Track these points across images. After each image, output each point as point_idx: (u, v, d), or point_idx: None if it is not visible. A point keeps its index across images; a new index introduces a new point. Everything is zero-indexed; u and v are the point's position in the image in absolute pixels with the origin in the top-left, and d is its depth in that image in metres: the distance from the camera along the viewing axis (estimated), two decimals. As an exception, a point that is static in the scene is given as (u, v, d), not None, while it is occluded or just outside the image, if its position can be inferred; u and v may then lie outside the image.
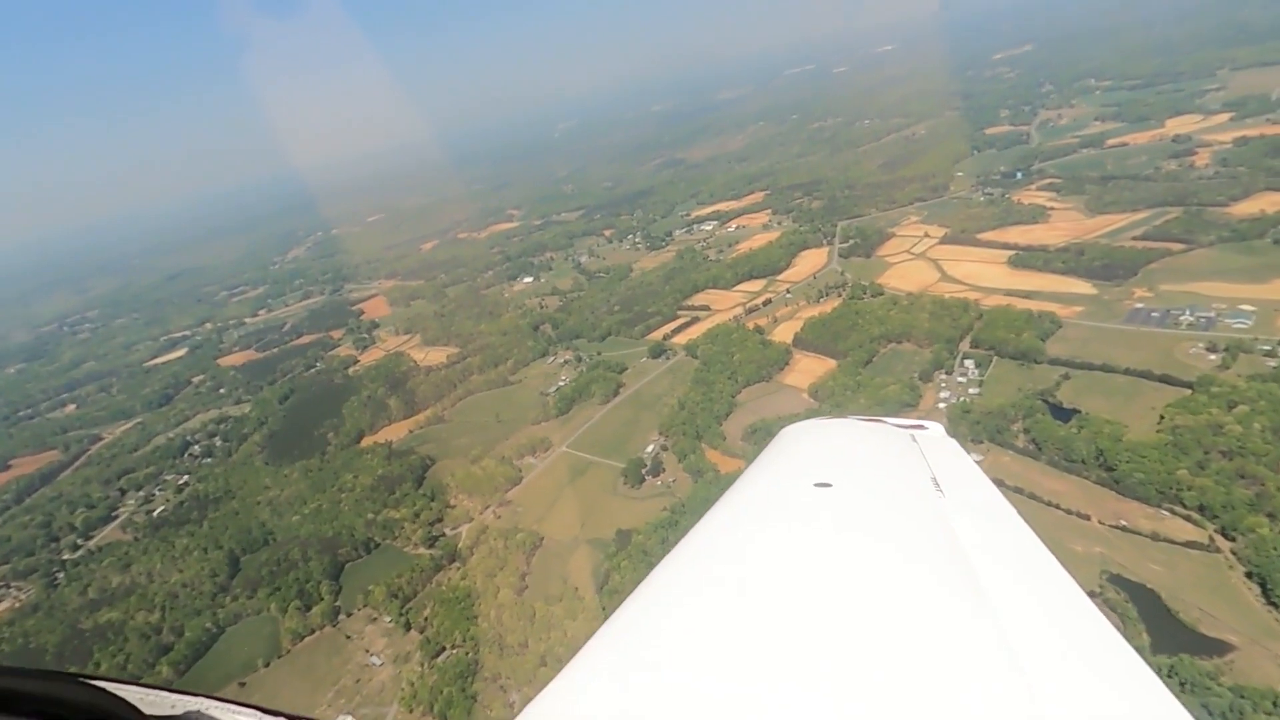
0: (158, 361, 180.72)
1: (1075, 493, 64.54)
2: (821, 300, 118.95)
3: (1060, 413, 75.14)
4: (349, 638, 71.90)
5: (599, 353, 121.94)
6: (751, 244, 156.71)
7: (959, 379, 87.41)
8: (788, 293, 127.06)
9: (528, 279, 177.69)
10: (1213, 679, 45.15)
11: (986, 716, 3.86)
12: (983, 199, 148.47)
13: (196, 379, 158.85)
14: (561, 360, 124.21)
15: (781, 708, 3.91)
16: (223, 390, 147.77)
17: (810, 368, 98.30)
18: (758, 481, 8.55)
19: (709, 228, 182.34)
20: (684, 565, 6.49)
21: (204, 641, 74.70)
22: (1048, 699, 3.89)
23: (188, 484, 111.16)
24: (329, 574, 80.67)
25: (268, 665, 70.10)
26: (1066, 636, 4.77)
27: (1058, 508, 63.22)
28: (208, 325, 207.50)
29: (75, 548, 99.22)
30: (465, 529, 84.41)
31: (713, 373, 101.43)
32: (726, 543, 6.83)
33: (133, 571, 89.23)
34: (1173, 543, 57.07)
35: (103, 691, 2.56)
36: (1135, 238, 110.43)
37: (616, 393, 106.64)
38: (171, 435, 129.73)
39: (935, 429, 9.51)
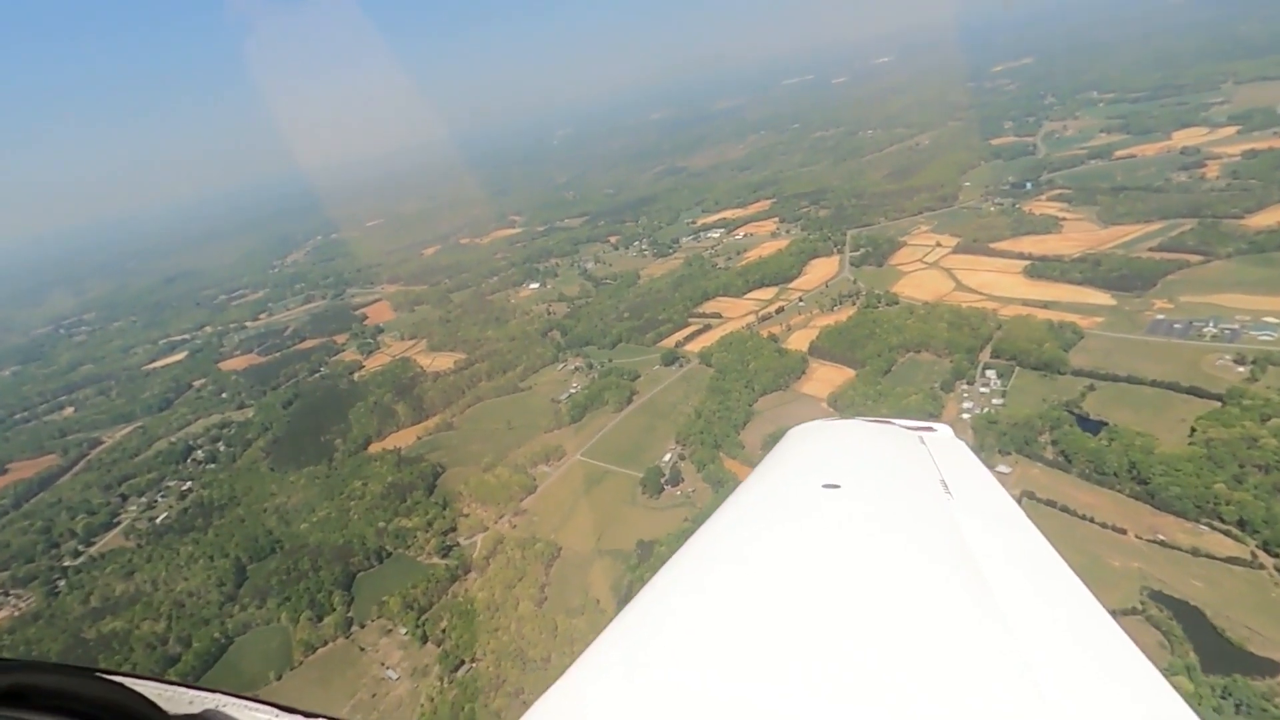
0: (157, 365, 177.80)
1: (1109, 506, 63.46)
2: (835, 309, 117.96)
3: (1088, 424, 74.17)
4: (363, 650, 70.03)
5: (610, 360, 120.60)
6: (760, 252, 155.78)
7: (981, 389, 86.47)
8: (800, 301, 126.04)
9: (534, 285, 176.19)
10: (1268, 700, 44.02)
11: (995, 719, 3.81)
12: (993, 209, 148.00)
13: (198, 383, 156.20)
14: (572, 367, 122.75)
15: (789, 709, 3.89)
16: (225, 395, 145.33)
17: (828, 376, 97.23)
18: (765, 482, 8.59)
19: (716, 235, 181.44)
20: (691, 566, 6.55)
21: (213, 652, 72.65)
22: (1057, 701, 3.85)
23: (191, 490, 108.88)
24: (340, 583, 78.83)
25: (280, 678, 68.17)
26: (1075, 639, 4.73)
27: (1092, 521, 62.10)
28: (207, 329, 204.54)
29: (76, 554, 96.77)
30: (480, 538, 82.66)
31: (728, 381, 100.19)
32: (733, 543, 6.83)
33: (136, 579, 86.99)
34: (1213, 558, 55.92)
35: (121, 687, 2.57)
36: (1151, 249, 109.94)
37: (630, 400, 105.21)
38: (173, 440, 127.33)
39: (944, 431, 9.49)
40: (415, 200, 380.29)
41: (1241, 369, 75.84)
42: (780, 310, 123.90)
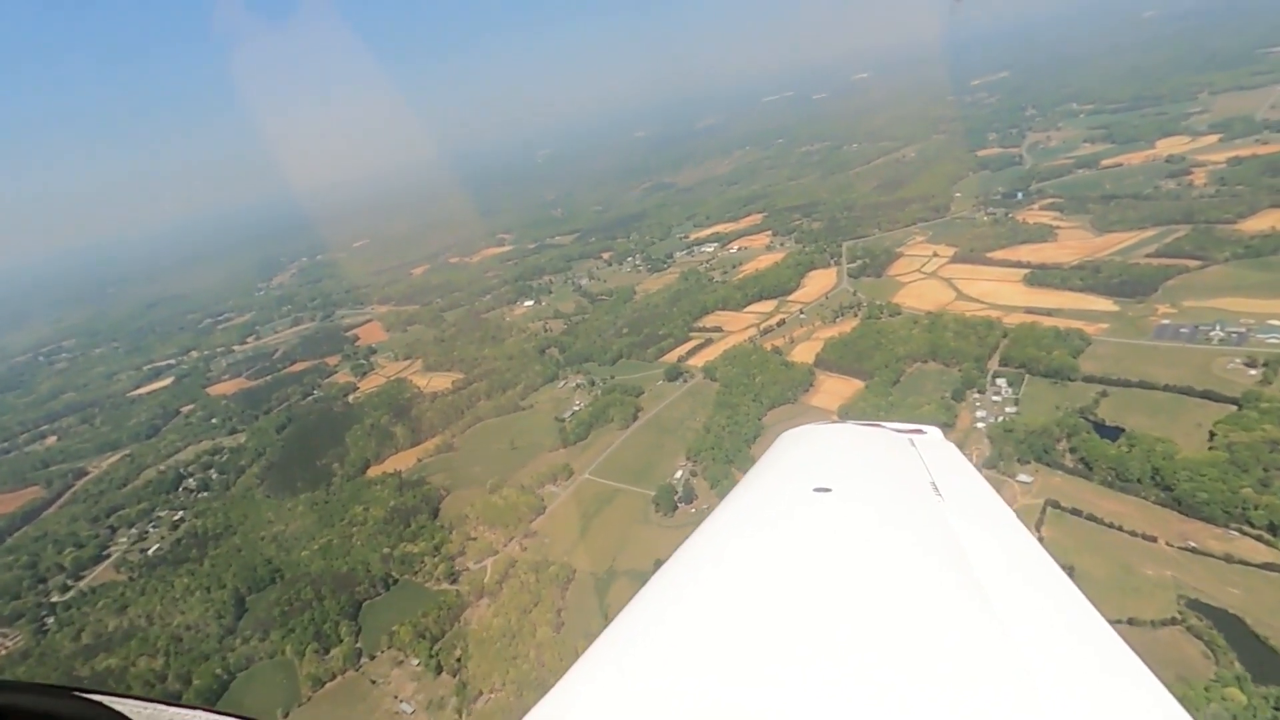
0: (142, 391, 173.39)
1: (1136, 514, 62.79)
2: (838, 320, 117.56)
3: (1105, 431, 73.80)
4: (374, 682, 67.47)
5: (612, 376, 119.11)
6: (757, 265, 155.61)
7: (993, 398, 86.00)
8: (801, 313, 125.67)
9: (528, 302, 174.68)
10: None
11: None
12: (986, 218, 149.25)
13: (186, 409, 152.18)
14: (573, 384, 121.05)
15: (783, 711, 3.87)
16: (215, 420, 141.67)
17: (836, 388, 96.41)
18: (757, 487, 8.56)
19: (710, 249, 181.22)
20: (684, 571, 6.54)
21: (214, 689, 69.77)
22: (1052, 701, 3.84)
23: (184, 520, 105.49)
24: (346, 613, 76.20)
25: (287, 715, 65.53)
26: (1069, 640, 4.70)
27: (1120, 529, 61.41)
28: (193, 353, 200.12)
29: (65, 589, 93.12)
30: (490, 562, 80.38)
31: (735, 395, 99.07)
32: (725, 548, 6.81)
33: (130, 614, 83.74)
34: (1248, 564, 55.26)
35: (100, 706, 2.55)
36: (1148, 255, 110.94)
37: (635, 417, 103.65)
38: (163, 468, 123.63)
39: (934, 433, 9.48)
40: (400, 220, 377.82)
41: (1254, 372, 75.96)
42: (782, 323, 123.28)
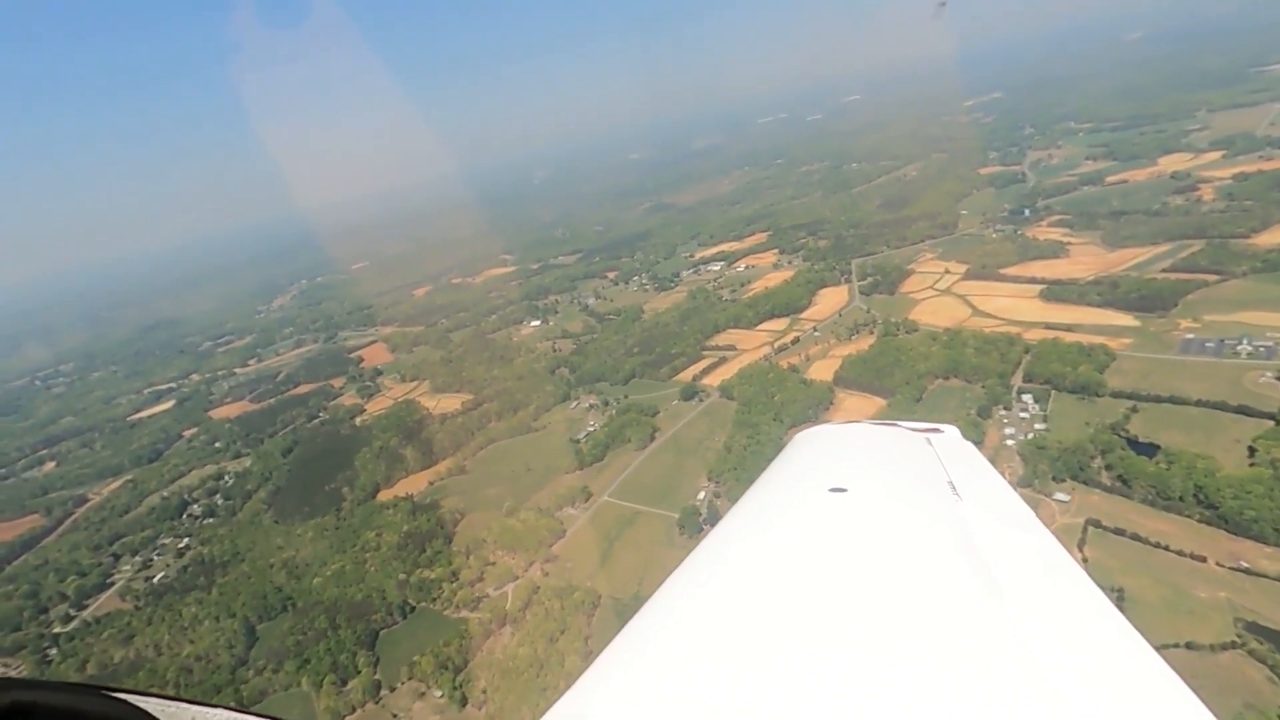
0: (143, 415, 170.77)
1: (1181, 533, 61.22)
2: (853, 338, 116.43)
3: (1139, 447, 72.41)
4: (396, 716, 64.92)
5: (625, 396, 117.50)
6: (766, 283, 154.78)
7: (1020, 414, 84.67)
8: (815, 331, 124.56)
9: (535, 322, 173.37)
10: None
11: None
12: (995, 235, 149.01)
13: (188, 432, 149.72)
14: (586, 405, 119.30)
15: (799, 711, 3.84)
16: (218, 444, 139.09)
17: (857, 406, 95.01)
18: (772, 487, 8.49)
19: (716, 268, 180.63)
20: (699, 572, 6.46)
21: (228, 725, 66.92)
22: (1070, 702, 3.81)
23: (190, 547, 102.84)
24: (363, 642, 73.78)
25: (306, 752, 62.85)
26: (1088, 640, 4.64)
27: (1167, 549, 59.76)
28: (194, 376, 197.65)
29: (68, 619, 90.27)
30: (511, 588, 78.09)
31: (754, 414, 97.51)
32: (740, 549, 6.72)
33: (136, 644, 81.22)
34: (1304, 584, 53.84)
35: (124, 703, 2.61)
36: (1164, 270, 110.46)
37: (653, 437, 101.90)
38: (166, 494, 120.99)
39: (951, 432, 9.28)
40: (399, 242, 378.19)
41: (1287, 386, 75.02)
42: (796, 340, 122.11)
